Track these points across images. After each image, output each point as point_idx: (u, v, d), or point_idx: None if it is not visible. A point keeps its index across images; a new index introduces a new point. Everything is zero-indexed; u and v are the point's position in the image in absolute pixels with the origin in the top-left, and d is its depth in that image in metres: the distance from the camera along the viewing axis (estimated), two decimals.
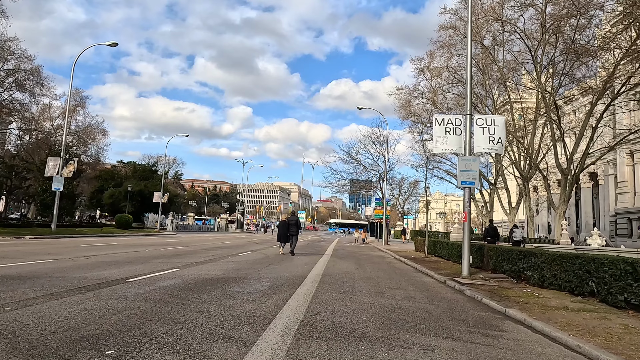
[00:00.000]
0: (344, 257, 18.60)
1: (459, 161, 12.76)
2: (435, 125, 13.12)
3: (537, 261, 10.84)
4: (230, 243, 24.97)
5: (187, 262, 12.11)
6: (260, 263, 13.15)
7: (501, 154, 13.54)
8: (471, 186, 12.68)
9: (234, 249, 19.07)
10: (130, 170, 53.31)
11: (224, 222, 63.61)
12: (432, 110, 47.76)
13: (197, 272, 9.78)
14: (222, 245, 21.82)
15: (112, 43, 25.96)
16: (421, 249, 24.82)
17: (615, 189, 50.51)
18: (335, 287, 8.95)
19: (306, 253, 19.77)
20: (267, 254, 17.40)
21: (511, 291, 9.86)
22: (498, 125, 12.72)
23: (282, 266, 12.65)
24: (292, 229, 17.99)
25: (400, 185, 58.52)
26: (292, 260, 14.92)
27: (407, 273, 13.67)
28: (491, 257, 14.13)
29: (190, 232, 49.15)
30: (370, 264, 15.94)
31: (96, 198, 49.14)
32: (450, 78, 42.55)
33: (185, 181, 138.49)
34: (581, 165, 33.41)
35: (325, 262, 15.45)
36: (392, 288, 9.60)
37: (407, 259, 19.11)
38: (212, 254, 15.40)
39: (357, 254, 21.73)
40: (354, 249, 27.12)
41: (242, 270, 10.70)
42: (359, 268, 13.95)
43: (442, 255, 20.27)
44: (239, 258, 14.53)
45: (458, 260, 17.37)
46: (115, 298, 6.16)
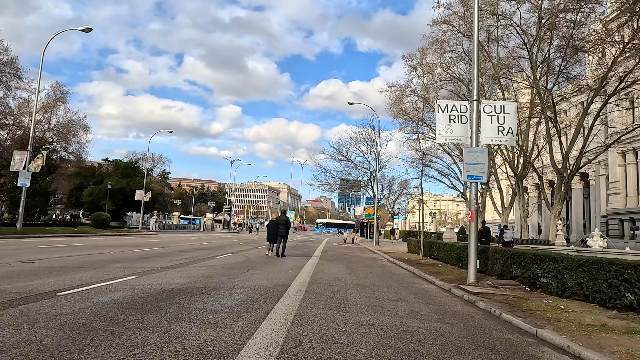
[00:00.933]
0: (333, 260, 16.96)
1: (464, 153, 11.21)
2: (438, 112, 11.55)
3: (557, 267, 9.32)
4: (212, 244, 23.15)
5: (151, 267, 10.34)
6: (239, 268, 11.43)
7: (513, 145, 11.93)
8: (478, 181, 11.14)
9: (213, 251, 17.29)
10: (112, 167, 50.96)
11: (210, 221, 61.52)
12: (423, 109, 46.54)
13: (157, 281, 8.03)
14: (201, 246, 20.01)
15: (86, 28, 23.95)
16: (415, 251, 23.32)
17: (607, 189, 49.77)
18: (324, 300, 7.29)
19: (293, 255, 18.09)
20: (249, 256, 15.67)
21: (531, 302, 8.31)
22: (508, 113, 11.20)
23: (263, 271, 10.94)
24: (280, 229, 16.33)
25: (390, 185, 57.23)
26: (276, 264, 13.22)
27: (405, 279, 12.07)
28: (497, 261, 12.62)
29: (173, 231, 47.07)
30: (363, 268, 14.32)
31: (75, 196, 46.71)
32: (443, 75, 41.27)
33: (172, 180, 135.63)
34: (577, 165, 32.31)
35: (314, 265, 13.79)
36: (392, 300, 7.97)
37: (401, 261, 17.55)
38: (186, 257, 13.63)
39: (347, 256, 20.11)
40: (344, 250, 25.51)
41: (213, 278, 8.97)
42: (351, 273, 12.32)
43: (438, 258, 18.76)
44: (215, 262, 12.78)
45: (458, 264, 15.88)
46: (16, 324, 4.40)
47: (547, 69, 33.02)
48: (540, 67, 33.33)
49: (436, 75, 40.61)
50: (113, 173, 49.95)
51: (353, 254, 22.02)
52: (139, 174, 48.78)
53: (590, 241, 22.54)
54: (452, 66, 40.94)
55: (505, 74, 36.94)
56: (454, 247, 16.49)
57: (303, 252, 21.11)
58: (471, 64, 40.21)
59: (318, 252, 21.71)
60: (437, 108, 11.61)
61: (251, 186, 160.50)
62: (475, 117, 11.22)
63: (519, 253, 11.14)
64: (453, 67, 40.86)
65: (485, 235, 19.57)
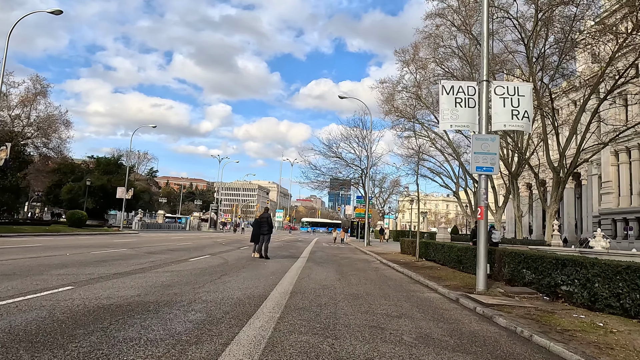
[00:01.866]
0: (322, 262, 15.33)
1: (473, 141, 9.66)
2: (442, 94, 9.99)
3: (586, 274, 7.81)
4: (192, 244, 21.35)
5: (102, 273, 8.60)
6: (211, 273, 9.72)
7: (529, 132, 10.42)
8: (489, 173, 9.60)
9: (188, 252, 15.54)
10: (94, 164, 48.65)
11: (196, 220, 59.45)
12: (415, 106, 45.19)
13: (96, 294, 6.31)
14: (177, 247, 18.23)
15: (56, 10, 22.01)
16: (409, 251, 21.82)
17: (600, 189, 48.97)
18: (307, 319, 5.65)
19: (278, 256, 16.43)
20: (227, 258, 13.95)
21: (560, 318, 6.78)
22: (523, 95, 9.68)
23: (239, 278, 9.26)
24: (263, 228, 14.68)
25: (381, 183, 55.84)
26: (256, 268, 11.54)
27: (403, 285, 10.49)
28: (505, 264, 11.12)
29: (157, 230, 45.00)
30: (355, 272, 12.71)
31: (53, 193, 44.33)
32: (437, 70, 39.92)
33: (160, 178, 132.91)
34: (574, 163, 31.16)
35: (299, 269, 12.15)
36: (393, 316, 6.37)
37: (396, 263, 16.00)
38: (153, 260, 11.88)
39: (337, 257, 18.50)
40: (334, 251, 23.90)
41: (172, 288, 7.26)
42: (342, 279, 10.69)
43: (435, 260, 17.26)
44: (185, 266, 11.05)
45: (458, 267, 14.38)
46: None
47: (542, 65, 31.82)
48: (536, 63, 32.12)
49: (429, 70, 39.27)
50: (94, 170, 47.71)
51: (343, 255, 20.43)
52: (121, 170, 46.60)
53: (593, 242, 21.33)
54: (446, 62, 39.66)
55: (500, 69, 35.71)
56: (454, 249, 14.97)
57: (289, 253, 19.44)
58: (466, 60, 38.78)
59: (306, 253, 20.07)
60: (440, 90, 10.04)
61: (240, 185, 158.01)
62: (485, 100, 9.68)
63: (535, 256, 9.62)
64: (446, 63, 39.59)
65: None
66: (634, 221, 42.71)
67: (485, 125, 9.66)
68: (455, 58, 40.04)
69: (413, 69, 42.38)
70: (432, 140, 45.76)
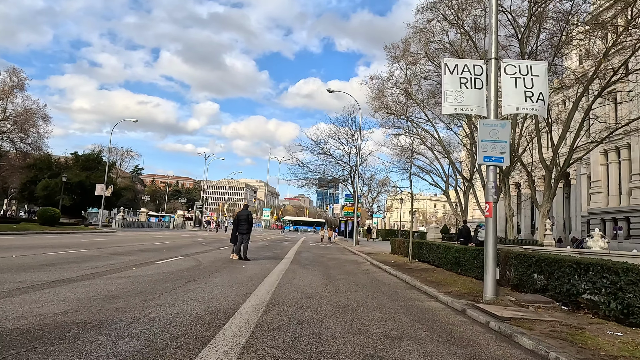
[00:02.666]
0: (308, 264, 13.94)
1: (480, 127, 8.37)
2: (445, 73, 8.68)
3: (617, 281, 6.56)
4: (168, 244, 19.76)
5: (40, 280, 7.07)
6: (175, 279, 8.24)
7: (544, 116, 9.14)
8: (498, 164, 8.32)
9: (159, 253, 13.99)
10: (73, 159, 46.46)
11: (180, 219, 57.53)
12: (405, 103, 44.10)
13: (10, 310, 4.81)
14: (151, 247, 16.65)
15: None
16: (400, 252, 20.58)
17: (589, 188, 48.53)
18: (282, 346, 4.24)
19: (260, 257, 14.99)
20: (202, 260, 12.46)
21: (594, 337, 5.51)
22: (537, 75, 8.42)
23: (208, 285, 7.81)
24: (241, 226, 13.24)
25: (369, 182, 54.70)
26: (232, 272, 10.10)
27: (399, 292, 9.16)
28: (512, 267, 9.90)
29: (138, 229, 43.07)
30: (344, 276, 11.35)
31: (28, 190, 42.08)
32: (428, 65, 38.83)
33: (146, 176, 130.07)
34: (567, 161, 30.33)
35: (282, 273, 10.74)
36: (393, 337, 5.00)
37: (388, 265, 14.71)
38: (114, 262, 10.34)
39: (324, 258, 17.13)
40: (321, 251, 22.53)
41: (117, 301, 5.78)
42: (329, 284, 9.32)
43: (429, 261, 16.02)
44: (149, 269, 9.56)
45: (456, 269, 13.13)
46: None
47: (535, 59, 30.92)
48: (529, 59, 31.20)
49: (420, 66, 38.14)
50: (73, 166, 45.57)
51: (331, 256, 19.07)
52: (101, 167, 44.55)
53: (590, 242, 20.38)
54: (437, 57, 38.57)
55: None
56: (451, 250, 13.71)
57: (273, 253, 18.00)
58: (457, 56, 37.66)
59: (291, 253, 18.65)
60: (443, 68, 8.73)
61: (227, 183, 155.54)
62: (494, 80, 8.40)
63: (549, 259, 8.37)
64: (437, 59, 38.50)
65: (465, 235, 18.86)
66: (623, 221, 42.26)
67: (495, 109, 8.38)
68: (447, 53, 39.01)
69: (403, 65, 41.23)
70: (421, 138, 44.74)
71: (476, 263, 11.79)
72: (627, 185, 42.17)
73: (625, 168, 42.44)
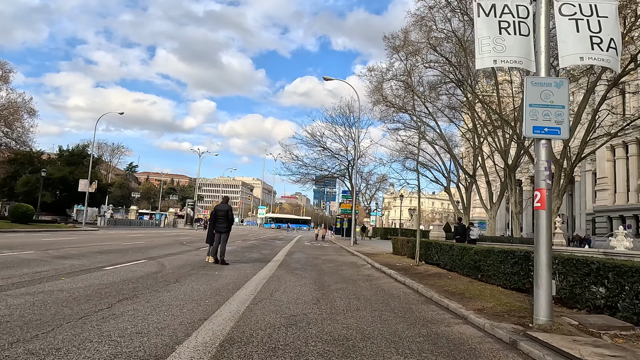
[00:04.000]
0: (299, 269, 11.61)
1: (526, 87, 6.07)
2: (479, 16, 6.38)
3: None
4: (143, 243, 17.37)
5: None
6: (104, 297, 5.87)
7: (617, 70, 6.77)
8: (554, 136, 6.00)
9: (121, 255, 11.63)
10: (56, 154, 43.93)
11: (172, 217, 55.04)
12: (405, 97, 41.83)
13: None
14: (118, 248, 14.27)
15: None
16: (403, 252, 18.31)
17: (594, 185, 46.46)
18: None
19: (243, 260, 12.68)
20: (168, 265, 10.11)
21: None
22: (606, 16, 6.11)
23: (148, 306, 5.45)
24: (219, 224, 10.92)
25: (367, 179, 52.41)
26: (197, 281, 7.77)
27: (414, 309, 6.85)
28: (555, 275, 7.63)
29: (124, 227, 40.64)
30: (341, 284, 9.03)
31: (8, 186, 39.55)
32: (430, 55, 36.50)
33: (140, 174, 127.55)
34: (579, 154, 28.12)
35: (263, 281, 8.42)
36: None
37: (392, 269, 12.43)
38: (49, 268, 8.00)
39: (319, 261, 14.82)
40: (316, 252, 20.22)
41: None
42: (322, 299, 7.00)
43: (439, 264, 13.75)
44: (82, 280, 7.20)
45: (474, 275, 10.85)
46: None
47: None
48: None
49: (422, 55, 35.77)
50: (56, 161, 43.06)
51: (327, 257, 16.76)
52: (86, 162, 42.04)
53: (614, 241, 18.24)
54: (439, 46, 36.22)
55: None
56: (469, 251, 11.41)
57: (261, 254, 15.66)
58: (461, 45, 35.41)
59: (281, 254, 16.31)
60: (476, 10, 6.41)
61: (224, 181, 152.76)
62: (545, 24, 6.10)
63: (624, 268, 6.07)
64: (440, 48, 36.16)
65: (461, 233, 18.75)
66: (631, 219, 40.20)
67: (546, 63, 6.09)
68: (449, 43, 36.70)
69: (403, 55, 38.83)
70: (422, 133, 42.48)
71: (503, 268, 9.54)
72: (636, 182, 40.10)
73: (634, 164, 40.36)
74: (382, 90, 41.19)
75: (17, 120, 48.25)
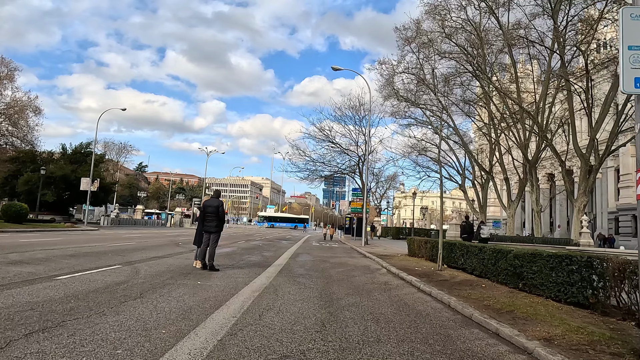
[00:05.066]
0: (302, 276, 9.77)
1: (623, 21, 4.17)
2: None
3: None
4: (134, 244, 15.70)
5: None
6: (8, 328, 4.11)
7: None
8: None
9: (95, 259, 9.89)
10: (59, 152, 42.72)
11: (178, 216, 53.63)
12: (416, 91, 39.79)
13: None
14: (100, 250, 12.59)
15: None
16: (420, 254, 16.37)
17: (617, 182, 43.85)
18: None
19: (239, 265, 10.89)
20: (143, 271, 8.35)
21: None
22: None
23: (68, 344, 3.67)
24: (208, 222, 9.15)
25: (377, 177, 50.43)
26: (167, 296, 5.97)
27: (454, 337, 4.94)
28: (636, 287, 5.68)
29: (129, 227, 39.25)
30: (354, 297, 7.16)
31: (10, 184, 38.40)
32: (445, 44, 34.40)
33: (150, 174, 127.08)
34: (608, 148, 25.89)
35: (254, 295, 6.60)
36: None
37: (412, 275, 10.54)
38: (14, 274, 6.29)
39: (326, 265, 12.96)
40: (324, 253, 18.38)
41: None
42: (328, 323, 5.12)
43: (465, 268, 11.82)
44: (17, 293, 5.45)
45: (514, 283, 8.88)
46: None
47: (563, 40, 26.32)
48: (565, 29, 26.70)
49: (436, 44, 33.67)
50: (60, 159, 41.86)
51: (336, 260, 14.90)
52: (91, 160, 40.75)
53: None
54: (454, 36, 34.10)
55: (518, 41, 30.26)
56: (506, 255, 9.44)
57: (262, 257, 13.86)
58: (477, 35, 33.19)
59: (285, 257, 14.49)
60: None
61: (233, 181, 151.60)
62: None
63: None
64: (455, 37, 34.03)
65: (468, 231, 18.27)
66: None
67: None
68: (464, 33, 34.56)
69: (415, 47, 36.74)
70: (435, 128, 40.40)
71: (555, 277, 7.58)
72: None
73: None
74: (393, 84, 39.20)
75: (22, 119, 47.27)
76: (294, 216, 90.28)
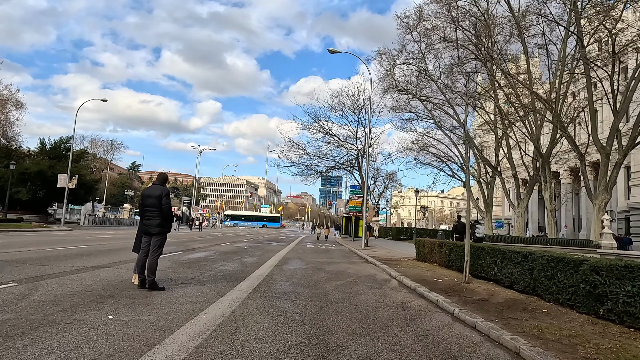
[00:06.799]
0: (286, 295, 6.92)
1: None
2: None
3: None
4: (88, 248, 12.78)
5: None
6: None
7: None
8: None
9: (3, 271, 7.02)
10: (37, 148, 39.64)
11: None
12: (417, 84, 37.00)
13: None
14: (30, 256, 9.69)
15: None
16: (433, 259, 13.56)
17: (627, 180, 41.27)
18: None
19: (201, 277, 8.04)
20: (41, 292, 5.48)
21: None
22: None
23: None
24: (147, 219, 6.22)
25: (376, 176, 47.59)
26: (34, 344, 3.13)
27: None
28: None
29: (111, 227, 36.21)
30: (362, 340, 4.31)
31: None
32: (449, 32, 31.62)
33: (144, 173, 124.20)
34: (633, 140, 23.23)
35: (198, 339, 3.76)
36: None
37: (434, 290, 7.74)
38: None
39: (321, 275, 10.09)
40: (319, 258, 15.50)
41: None
42: None
43: (498, 280, 9.06)
44: None
45: (584, 305, 5.98)
46: None
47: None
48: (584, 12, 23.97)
49: (440, 30, 30.88)
50: (38, 155, 38.80)
51: (333, 268, 12.02)
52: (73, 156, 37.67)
53: None
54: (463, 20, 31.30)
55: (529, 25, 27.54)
56: (577, 268, 6.62)
57: (239, 265, 10.98)
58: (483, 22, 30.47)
59: (269, 265, 11.58)
60: None
61: (228, 180, 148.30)
62: None
63: None
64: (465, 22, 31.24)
65: (461, 231, 17.59)
66: None
67: None
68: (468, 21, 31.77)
69: (417, 35, 33.90)
70: (437, 123, 37.65)
71: None
72: None
73: None
74: (394, 75, 36.39)
75: (2, 113, 44.20)
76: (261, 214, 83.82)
